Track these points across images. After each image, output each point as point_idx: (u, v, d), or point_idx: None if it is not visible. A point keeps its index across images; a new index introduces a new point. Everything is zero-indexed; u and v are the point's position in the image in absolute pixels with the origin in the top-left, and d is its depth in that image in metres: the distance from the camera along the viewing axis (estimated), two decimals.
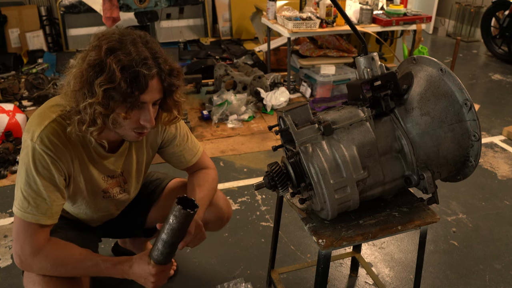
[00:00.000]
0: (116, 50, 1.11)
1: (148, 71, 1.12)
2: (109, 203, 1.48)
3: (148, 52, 1.14)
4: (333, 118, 1.18)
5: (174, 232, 1.23)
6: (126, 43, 1.12)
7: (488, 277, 1.97)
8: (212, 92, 4.00)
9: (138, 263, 1.29)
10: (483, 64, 5.28)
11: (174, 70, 1.21)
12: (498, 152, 3.13)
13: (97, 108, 1.12)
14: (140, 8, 4.00)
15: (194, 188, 1.51)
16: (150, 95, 1.16)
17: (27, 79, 3.97)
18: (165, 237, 1.24)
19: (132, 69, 1.10)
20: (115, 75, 1.09)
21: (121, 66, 1.09)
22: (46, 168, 1.21)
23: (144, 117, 1.19)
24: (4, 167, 2.81)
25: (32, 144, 1.19)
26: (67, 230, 1.46)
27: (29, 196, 1.21)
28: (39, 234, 1.23)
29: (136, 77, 1.10)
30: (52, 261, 1.24)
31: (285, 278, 1.94)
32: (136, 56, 1.11)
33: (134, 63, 1.10)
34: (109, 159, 1.37)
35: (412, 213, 1.28)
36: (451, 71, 1.19)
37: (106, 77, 1.09)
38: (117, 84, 1.09)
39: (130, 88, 1.10)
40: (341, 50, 4.16)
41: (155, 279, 1.28)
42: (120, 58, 1.09)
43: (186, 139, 1.54)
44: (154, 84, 1.16)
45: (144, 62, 1.11)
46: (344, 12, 1.25)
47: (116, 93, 1.10)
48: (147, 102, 1.17)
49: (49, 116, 1.22)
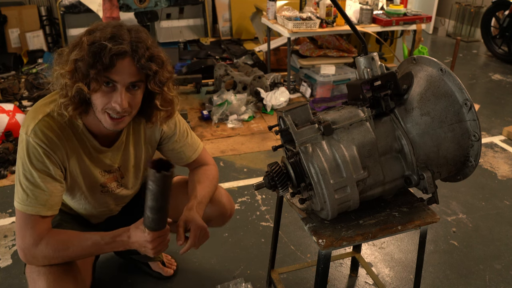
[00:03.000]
0: (96, 31, 1.17)
1: (115, 46, 1.14)
2: (108, 198, 1.49)
3: (128, 35, 1.17)
4: (333, 118, 1.18)
5: (156, 195, 1.22)
6: (108, 26, 1.18)
7: (488, 277, 1.97)
8: (212, 92, 4.00)
9: (134, 232, 1.28)
10: (483, 64, 5.28)
11: (155, 57, 1.21)
12: (498, 152, 3.13)
13: (66, 77, 1.16)
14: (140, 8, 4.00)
15: (194, 185, 1.52)
16: (120, 75, 1.17)
17: (27, 79, 3.97)
18: (150, 203, 1.24)
19: (99, 42, 1.14)
20: (83, 47, 1.14)
21: (92, 41, 1.14)
22: (40, 160, 1.23)
23: (115, 99, 1.20)
24: (4, 167, 2.81)
25: (26, 138, 1.22)
26: (72, 224, 1.48)
27: (27, 188, 1.23)
28: (39, 225, 1.25)
29: (101, 51, 1.13)
30: (54, 246, 1.25)
31: (285, 278, 1.94)
32: (109, 34, 1.15)
33: (103, 39, 1.14)
34: (106, 154, 1.38)
35: (412, 213, 1.28)
36: (451, 71, 1.19)
37: (77, 50, 1.15)
38: (83, 55, 1.13)
39: (93, 60, 1.13)
40: (341, 50, 4.16)
41: (152, 246, 1.27)
42: (95, 36, 1.15)
43: (186, 135, 1.54)
44: (125, 64, 1.17)
45: (116, 40, 1.15)
46: (344, 12, 1.25)
47: (83, 64, 1.14)
48: (117, 82, 1.18)
49: (43, 110, 1.25)
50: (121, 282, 1.93)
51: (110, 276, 1.95)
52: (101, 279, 1.92)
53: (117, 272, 1.97)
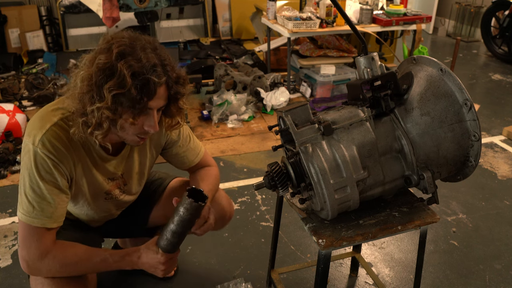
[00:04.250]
0: (127, 55, 1.09)
1: (158, 78, 1.12)
2: (110, 204, 1.49)
3: (157, 59, 1.14)
4: (333, 118, 1.18)
5: (184, 223, 1.26)
6: (136, 48, 1.11)
7: (488, 277, 1.97)
8: (212, 92, 4.00)
9: (146, 253, 1.30)
10: (483, 64, 5.28)
11: (181, 78, 1.22)
12: (498, 152, 3.13)
13: (105, 112, 1.11)
14: (140, 8, 4.00)
15: (197, 182, 1.53)
16: (156, 101, 1.16)
17: (27, 79, 3.97)
18: (175, 228, 1.26)
19: (143, 75, 1.09)
20: (125, 80, 1.08)
21: (132, 72, 1.08)
22: (49, 172, 1.20)
23: (149, 123, 1.19)
24: (4, 167, 2.80)
25: (34, 148, 1.18)
26: (70, 231, 1.46)
27: (34, 200, 1.21)
28: (45, 237, 1.23)
29: (147, 84, 1.10)
30: (61, 261, 1.24)
31: (285, 278, 1.94)
32: (146, 62, 1.10)
33: (145, 69, 1.10)
34: (111, 162, 1.37)
35: (412, 213, 1.28)
36: (451, 71, 1.19)
37: (116, 82, 1.08)
38: (127, 90, 1.08)
39: (140, 95, 1.10)
40: (341, 50, 4.16)
41: (164, 267, 1.30)
42: (131, 64, 1.08)
43: (188, 140, 1.54)
44: (162, 91, 1.16)
45: (154, 69, 1.12)
46: (344, 12, 1.25)
47: (125, 98, 1.10)
48: (153, 108, 1.17)
49: (50, 119, 1.21)
50: (121, 282, 1.93)
51: (110, 277, 1.95)
52: (101, 280, 1.91)
53: (117, 272, 1.97)
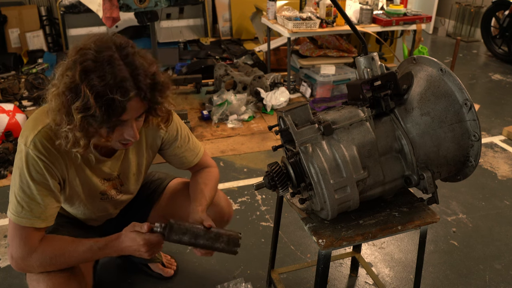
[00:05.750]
0: (90, 72, 1.05)
1: (124, 96, 1.06)
2: (107, 204, 1.49)
3: (126, 70, 1.08)
4: (333, 118, 1.18)
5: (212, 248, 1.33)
6: (102, 62, 1.06)
7: (488, 277, 1.97)
8: (212, 92, 4.00)
9: (126, 236, 1.29)
10: (483, 64, 5.28)
11: (158, 84, 1.15)
12: (498, 152, 3.13)
13: (76, 133, 1.11)
14: (140, 8, 3.99)
15: (201, 187, 1.52)
16: (130, 113, 1.13)
17: (27, 79, 3.97)
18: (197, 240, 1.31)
19: (106, 96, 1.05)
20: (89, 102, 1.04)
21: (96, 93, 1.04)
22: (40, 173, 1.21)
23: (128, 133, 1.18)
24: (4, 167, 2.81)
25: (25, 149, 1.19)
26: (69, 229, 1.47)
27: (23, 200, 1.21)
28: (33, 236, 1.24)
29: (111, 104, 1.06)
30: (49, 253, 1.25)
31: (285, 278, 1.94)
32: (110, 80, 1.05)
33: (109, 89, 1.05)
34: (105, 163, 1.37)
35: (412, 213, 1.28)
36: (451, 71, 1.19)
37: (81, 103, 1.05)
38: (93, 112, 1.05)
39: (107, 115, 1.07)
40: (341, 50, 4.16)
41: (146, 249, 1.28)
42: (93, 84, 1.04)
43: (187, 140, 1.54)
44: (133, 104, 1.11)
45: (120, 86, 1.06)
46: (344, 12, 1.25)
47: (93, 120, 1.08)
48: (129, 119, 1.15)
49: (43, 120, 1.21)
50: (121, 282, 1.93)
51: (110, 277, 1.95)
52: (102, 280, 1.92)
53: (117, 272, 1.97)
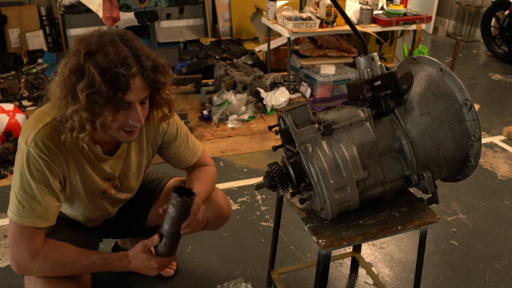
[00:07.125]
0: (94, 53, 1.08)
1: (128, 70, 1.09)
2: (106, 203, 1.49)
3: (128, 50, 1.12)
4: (333, 118, 1.18)
5: (173, 221, 1.25)
6: (104, 44, 1.10)
7: (488, 277, 1.97)
8: (212, 92, 4.00)
9: (136, 257, 1.31)
10: (483, 64, 5.28)
11: (159, 66, 1.18)
12: (498, 152, 3.13)
13: (82, 114, 1.11)
14: (140, 8, 3.99)
15: (192, 182, 1.52)
16: (134, 94, 1.14)
17: (27, 79, 3.97)
18: (166, 227, 1.27)
19: (111, 70, 1.07)
20: (94, 79, 1.07)
21: (100, 69, 1.07)
22: (41, 171, 1.20)
23: (133, 117, 1.18)
24: (4, 167, 2.81)
25: (26, 148, 1.19)
26: (67, 231, 1.46)
27: (24, 200, 1.21)
28: (36, 237, 1.23)
29: (116, 78, 1.08)
30: (51, 262, 1.24)
31: (285, 278, 1.94)
32: (114, 57, 1.08)
33: (112, 64, 1.08)
34: (107, 162, 1.37)
35: (412, 213, 1.28)
36: (451, 71, 1.19)
37: (87, 82, 1.07)
38: (98, 88, 1.07)
39: (112, 91, 1.09)
40: (341, 50, 4.16)
41: (158, 272, 1.34)
42: (98, 61, 1.07)
43: (186, 139, 1.54)
44: (137, 82, 1.13)
45: (123, 62, 1.09)
46: (344, 12, 1.25)
47: (99, 97, 1.09)
48: (133, 102, 1.16)
49: (43, 119, 1.21)
50: (121, 282, 1.93)
51: (110, 277, 1.95)
52: (101, 280, 1.92)
53: (117, 272, 1.96)
